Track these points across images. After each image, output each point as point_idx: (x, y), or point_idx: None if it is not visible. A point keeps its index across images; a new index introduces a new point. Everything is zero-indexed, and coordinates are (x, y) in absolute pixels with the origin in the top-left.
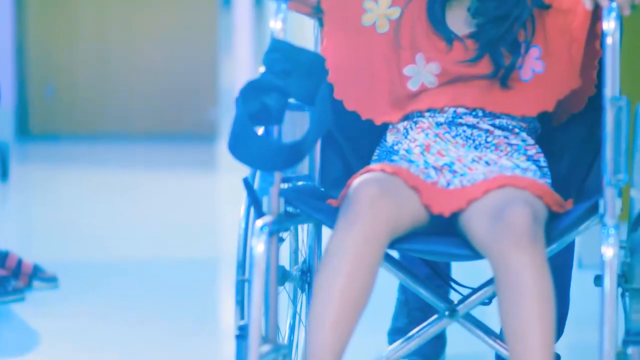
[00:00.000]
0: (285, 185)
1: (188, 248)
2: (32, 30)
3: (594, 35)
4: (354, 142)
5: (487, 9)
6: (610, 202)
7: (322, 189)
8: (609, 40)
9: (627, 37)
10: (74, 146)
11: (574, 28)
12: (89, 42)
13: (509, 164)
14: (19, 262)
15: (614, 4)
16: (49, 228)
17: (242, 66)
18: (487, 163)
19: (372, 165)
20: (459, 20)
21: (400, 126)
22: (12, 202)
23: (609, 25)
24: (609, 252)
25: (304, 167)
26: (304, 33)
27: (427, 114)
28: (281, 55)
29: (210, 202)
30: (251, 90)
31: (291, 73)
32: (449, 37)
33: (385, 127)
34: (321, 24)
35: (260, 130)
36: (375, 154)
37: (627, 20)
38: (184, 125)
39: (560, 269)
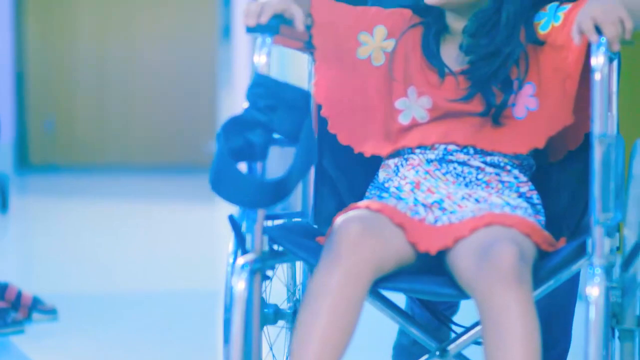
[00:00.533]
0: (271, 223)
1: (188, 280)
2: (31, 62)
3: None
4: (348, 178)
5: (478, 47)
6: (599, 242)
7: (315, 226)
8: (597, 76)
9: (625, 74)
10: (74, 177)
11: (568, 63)
12: (88, 74)
13: (499, 201)
14: (19, 294)
15: (603, 39)
16: (48, 260)
17: (241, 99)
18: (477, 200)
19: (358, 203)
20: (452, 55)
21: (391, 163)
22: (11, 234)
23: (597, 60)
24: (594, 292)
25: (297, 204)
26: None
27: (417, 151)
28: (265, 90)
29: (210, 234)
30: (234, 126)
31: (275, 108)
32: (442, 71)
33: (378, 163)
34: (313, 59)
35: (244, 167)
36: (368, 190)
37: (625, 57)
38: (183, 157)
39: (563, 304)
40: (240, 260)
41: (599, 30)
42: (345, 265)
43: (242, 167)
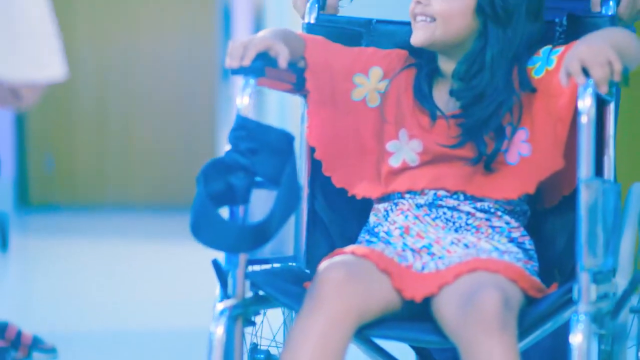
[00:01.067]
0: (258, 267)
1: (188, 320)
2: None
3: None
4: (340, 221)
5: (466, 90)
6: (585, 288)
7: (308, 271)
8: (583, 119)
9: (624, 117)
10: (74, 216)
11: (560, 107)
12: (88, 113)
13: (488, 246)
14: (19, 334)
15: (591, 81)
16: (48, 299)
17: None
18: (466, 246)
19: (344, 248)
20: (444, 98)
21: (381, 207)
22: (11, 273)
23: (584, 103)
24: (577, 339)
25: (289, 248)
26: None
27: (407, 196)
28: (247, 133)
29: (210, 274)
30: (214, 169)
31: (257, 151)
32: (434, 114)
33: (371, 206)
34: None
35: (225, 211)
36: (360, 234)
37: (624, 100)
38: (183, 196)
39: (562, 346)
40: (220, 305)
41: (587, 72)
42: (327, 310)
43: (224, 211)
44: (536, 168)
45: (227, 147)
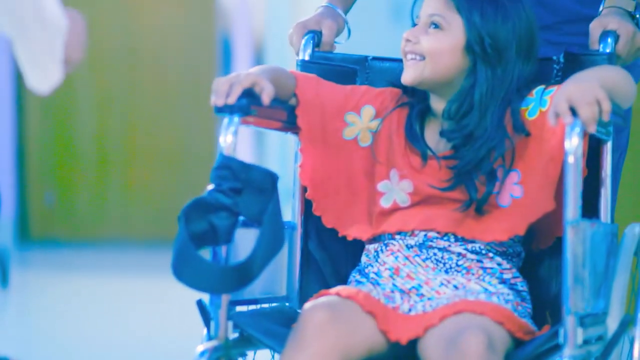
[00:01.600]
0: (245, 308)
1: (189, 358)
2: (32, 135)
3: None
4: (333, 261)
5: (455, 131)
6: (571, 332)
7: (300, 311)
8: (570, 159)
9: (630, 160)
10: (75, 252)
11: (552, 147)
12: (88, 148)
13: (477, 287)
14: None
15: (578, 121)
16: (48, 334)
17: None
18: (455, 287)
19: (330, 289)
20: (436, 138)
21: (372, 248)
22: (11, 308)
23: (571, 143)
24: None
25: (282, 288)
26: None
27: (397, 237)
28: (230, 172)
29: None
30: (196, 208)
31: (241, 191)
32: (425, 154)
33: (364, 246)
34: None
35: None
36: (352, 274)
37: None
38: None
39: None
40: (200, 347)
41: (575, 112)
42: (310, 350)
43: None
44: (527, 210)
45: (210, 186)
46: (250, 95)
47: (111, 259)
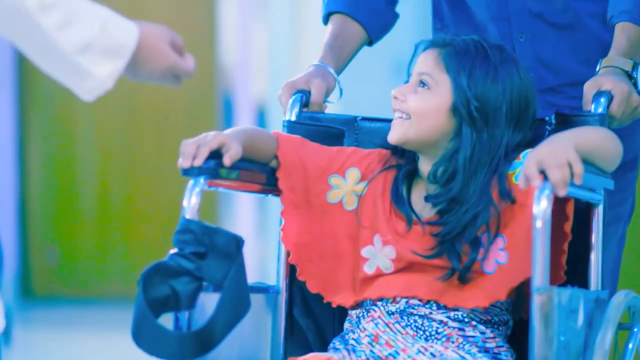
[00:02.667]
0: None
1: None
2: (34, 192)
3: (565, 217)
4: (318, 327)
5: (440, 196)
6: None
7: None
8: (537, 224)
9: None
10: (77, 309)
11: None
12: (90, 205)
13: (455, 356)
14: None
15: (548, 184)
16: None
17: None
18: (432, 355)
19: (301, 357)
20: (422, 202)
21: (354, 314)
22: None
23: (539, 207)
24: None
25: (265, 355)
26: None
27: (379, 303)
28: (192, 236)
29: None
30: (157, 273)
31: (204, 255)
32: (410, 219)
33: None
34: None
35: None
36: (332, 341)
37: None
38: None
39: None
40: None
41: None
42: None
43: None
44: (510, 275)
45: (173, 250)
46: (219, 157)
47: (113, 316)
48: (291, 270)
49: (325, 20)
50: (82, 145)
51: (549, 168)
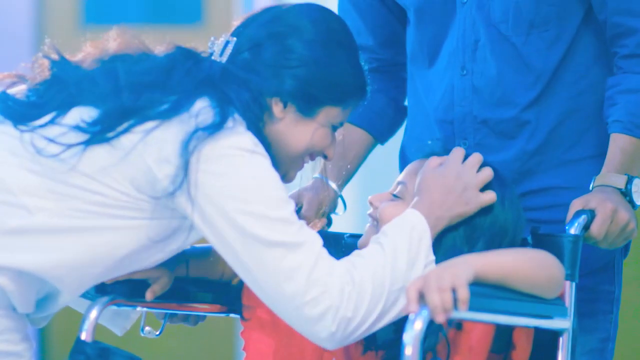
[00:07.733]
0: None
1: None
2: None
3: (512, 345)
4: None
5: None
6: None
7: None
8: (407, 351)
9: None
10: None
11: (472, 337)
12: None
13: None
14: None
15: (425, 311)
16: None
17: None
18: None
19: None
20: None
21: None
22: None
23: (409, 334)
24: None
25: None
26: None
27: None
28: (85, 358)
29: None
30: None
31: None
32: (366, 343)
33: None
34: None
35: None
36: None
37: None
38: None
39: None
40: None
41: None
42: None
43: None
44: None
45: None
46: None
47: None
48: None
49: None
50: None
51: (428, 292)
